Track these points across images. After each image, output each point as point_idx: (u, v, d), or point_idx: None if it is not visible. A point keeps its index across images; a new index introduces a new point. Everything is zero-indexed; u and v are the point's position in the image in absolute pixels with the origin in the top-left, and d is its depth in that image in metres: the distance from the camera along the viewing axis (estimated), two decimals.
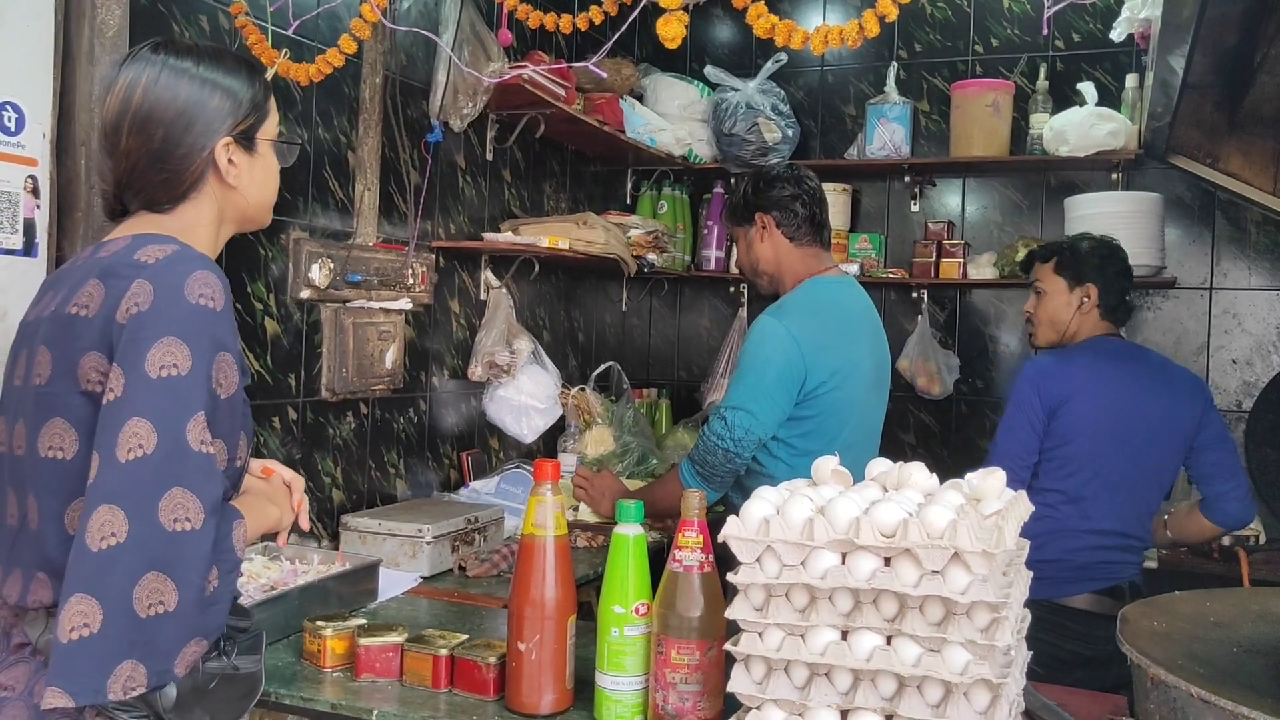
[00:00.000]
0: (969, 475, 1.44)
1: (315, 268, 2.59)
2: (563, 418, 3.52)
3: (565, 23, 1.93)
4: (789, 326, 2.33)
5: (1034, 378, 2.63)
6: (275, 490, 1.54)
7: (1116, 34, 3.10)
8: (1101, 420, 2.57)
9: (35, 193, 1.94)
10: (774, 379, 2.31)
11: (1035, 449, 2.62)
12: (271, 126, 1.51)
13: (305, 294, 2.59)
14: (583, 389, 3.68)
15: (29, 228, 1.93)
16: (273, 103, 1.52)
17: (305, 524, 1.58)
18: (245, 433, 1.41)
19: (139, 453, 1.21)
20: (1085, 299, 2.69)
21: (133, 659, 1.19)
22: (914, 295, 4.02)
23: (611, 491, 2.79)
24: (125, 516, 1.19)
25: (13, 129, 1.90)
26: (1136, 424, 2.57)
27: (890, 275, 3.94)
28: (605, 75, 3.48)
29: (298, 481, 1.58)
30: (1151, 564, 2.92)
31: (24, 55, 1.92)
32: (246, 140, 1.47)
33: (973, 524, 1.27)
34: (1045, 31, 3.83)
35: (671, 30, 1.70)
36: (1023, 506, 1.42)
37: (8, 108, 1.89)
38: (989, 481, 1.40)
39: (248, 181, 1.48)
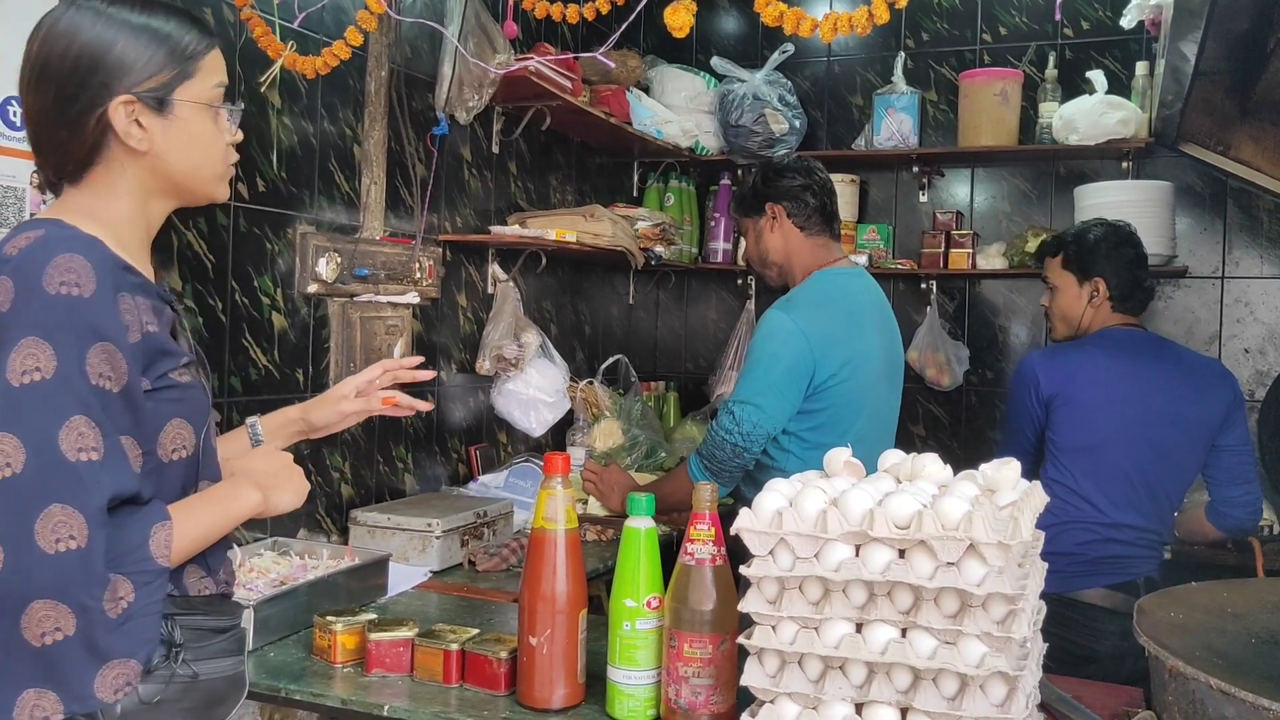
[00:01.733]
0: (983, 466, 1.43)
1: (322, 262, 2.58)
2: (571, 411, 3.52)
3: (572, 12, 1.91)
4: (797, 320, 2.31)
5: (1027, 372, 2.62)
6: (273, 469, 1.40)
7: (1127, 21, 3.07)
8: (1105, 412, 2.53)
9: (42, 188, 1.93)
10: (783, 373, 2.30)
11: (1036, 443, 2.62)
12: (203, 87, 1.31)
13: (312, 288, 2.58)
14: (590, 382, 3.67)
15: None
16: (211, 61, 1.32)
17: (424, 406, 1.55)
18: (186, 418, 1.28)
19: (6, 472, 1.09)
20: (1095, 293, 2.64)
21: (36, 688, 1.10)
22: (923, 286, 4.00)
23: (620, 486, 2.79)
24: None
25: (18, 124, 1.89)
26: (1150, 416, 2.52)
27: (899, 266, 3.93)
28: (613, 65, 3.46)
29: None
30: (1165, 555, 2.89)
31: None
32: (156, 101, 1.27)
33: (988, 515, 1.25)
34: (1057, 17, 3.80)
35: (679, 19, 1.68)
36: (1038, 497, 1.40)
37: (12, 103, 1.88)
38: (1003, 472, 1.39)
39: (163, 147, 1.28)
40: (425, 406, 1.69)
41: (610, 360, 3.92)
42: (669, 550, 1.53)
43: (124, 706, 1.17)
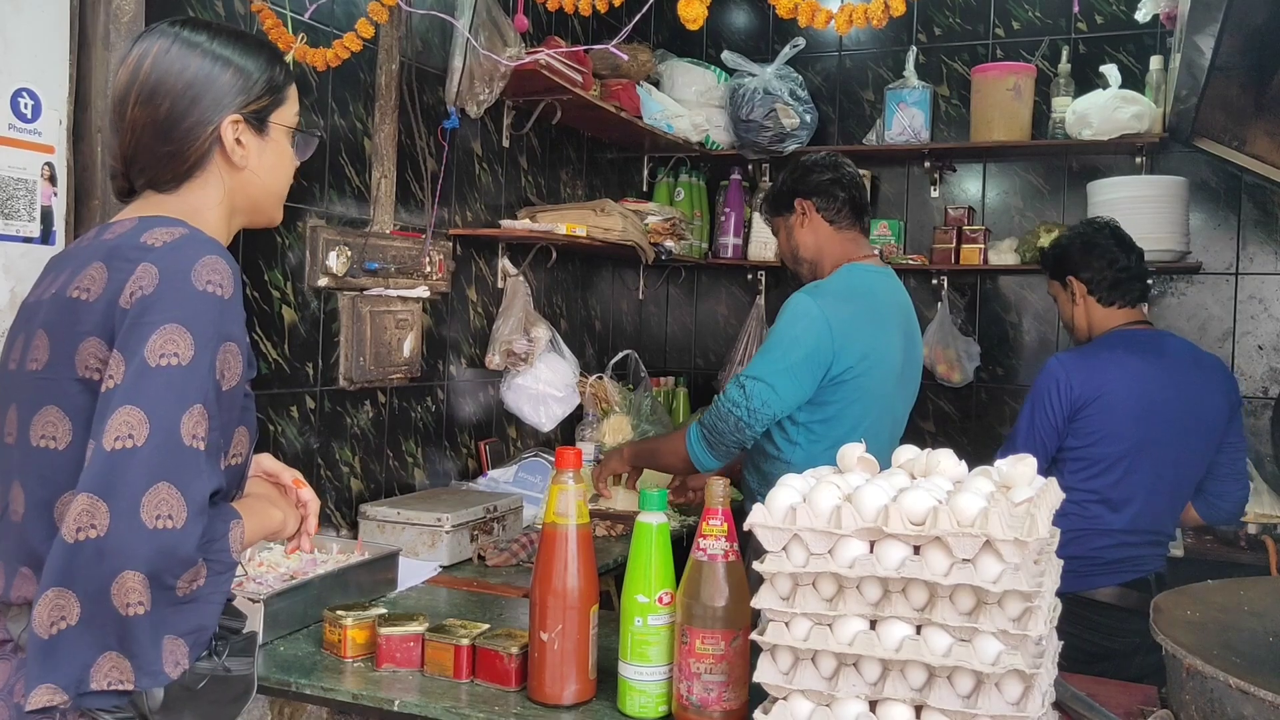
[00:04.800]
0: (998, 462, 1.41)
1: (332, 255, 2.57)
2: (580, 406, 3.51)
3: (584, 5, 1.90)
4: (823, 308, 2.29)
5: (1057, 375, 2.55)
6: (281, 495, 1.49)
7: (1142, 14, 3.04)
8: (1130, 419, 2.49)
9: (52, 180, 1.93)
10: (801, 358, 2.27)
11: (1053, 447, 2.56)
12: (289, 114, 1.46)
13: (323, 282, 2.57)
14: (600, 377, 3.66)
15: (46, 215, 1.92)
16: (293, 91, 1.47)
17: (308, 546, 1.54)
18: (247, 428, 1.37)
19: (127, 443, 1.15)
20: (1074, 291, 2.66)
21: (116, 652, 1.15)
22: (934, 282, 3.98)
23: (615, 451, 2.70)
24: (107, 510, 1.13)
25: (29, 116, 1.88)
26: (1168, 420, 2.49)
27: (910, 261, 3.91)
28: (625, 58, 3.45)
29: (315, 503, 1.53)
30: (1178, 553, 2.88)
31: (39, 42, 1.91)
32: (258, 121, 1.41)
33: (1004, 512, 1.24)
34: (1075, 10, 3.78)
35: (693, 11, 1.67)
36: (1054, 494, 1.39)
37: (24, 94, 1.88)
38: (1019, 468, 1.38)
39: (256, 165, 1.42)
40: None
41: (620, 355, 3.91)
42: (678, 545, 1.53)
43: (166, 690, 1.21)
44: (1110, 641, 2.46)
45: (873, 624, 1.30)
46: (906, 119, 3.86)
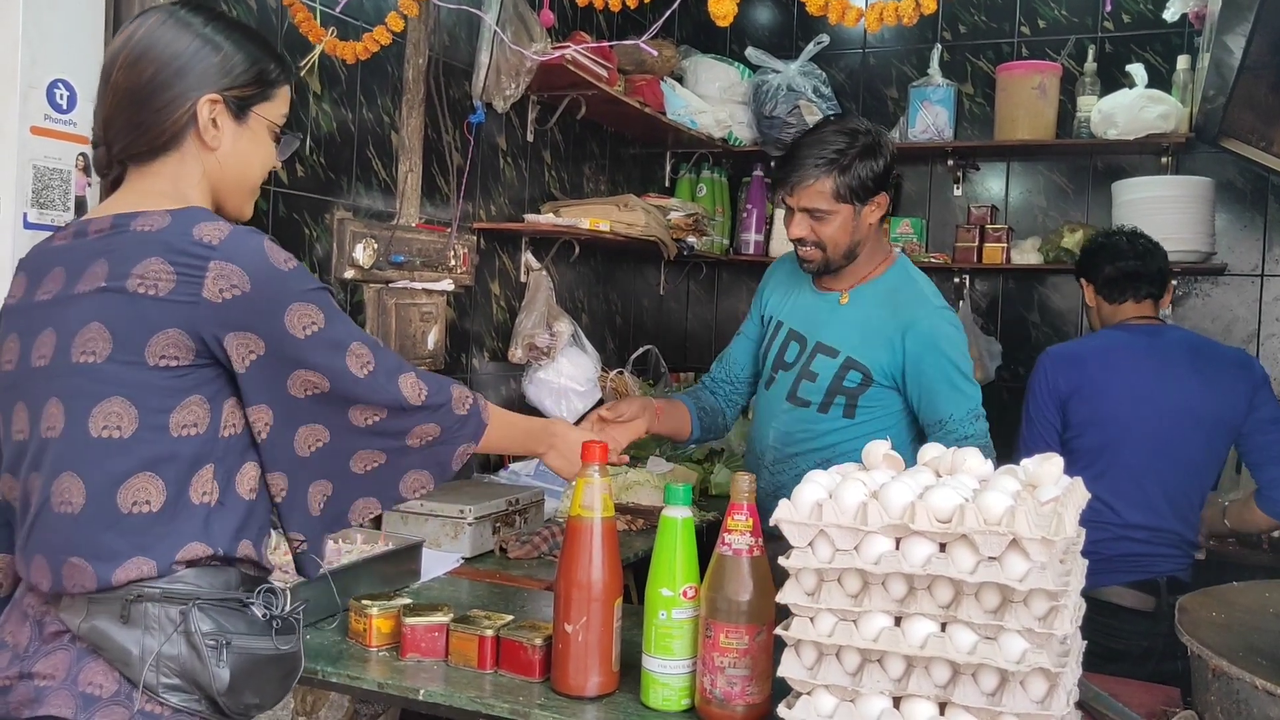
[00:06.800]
0: (1024, 461, 1.42)
1: (359, 248, 2.59)
2: (601, 400, 3.52)
3: (614, 0, 1.91)
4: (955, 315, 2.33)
5: (1045, 367, 2.61)
6: (571, 442, 1.73)
7: (1170, 13, 3.03)
8: (1115, 410, 2.48)
9: (86, 170, 1.95)
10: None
11: (1056, 438, 2.56)
12: (275, 111, 1.44)
13: (349, 274, 2.59)
14: (621, 372, 3.67)
15: (80, 205, 1.95)
16: (285, 92, 1.45)
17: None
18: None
19: (370, 368, 1.37)
20: (1088, 293, 2.74)
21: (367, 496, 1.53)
22: (956, 280, 3.97)
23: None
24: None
25: (64, 106, 1.91)
26: (1162, 412, 2.47)
27: (932, 260, 3.90)
28: (655, 54, 3.45)
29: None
30: (1199, 555, 2.86)
31: (75, 33, 1.93)
32: (238, 107, 1.39)
33: (1030, 510, 1.25)
34: (1107, 9, 3.76)
35: (723, 8, 1.68)
36: (1080, 493, 1.39)
37: (59, 85, 1.90)
38: (1045, 467, 1.38)
39: (228, 150, 1.40)
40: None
41: (640, 350, 3.92)
42: (703, 539, 1.53)
43: (232, 672, 1.28)
44: (1114, 643, 2.40)
45: (897, 620, 1.30)
46: (930, 117, 3.85)
